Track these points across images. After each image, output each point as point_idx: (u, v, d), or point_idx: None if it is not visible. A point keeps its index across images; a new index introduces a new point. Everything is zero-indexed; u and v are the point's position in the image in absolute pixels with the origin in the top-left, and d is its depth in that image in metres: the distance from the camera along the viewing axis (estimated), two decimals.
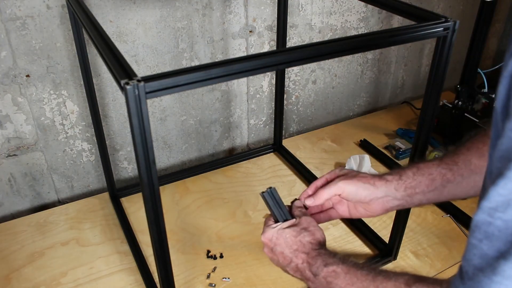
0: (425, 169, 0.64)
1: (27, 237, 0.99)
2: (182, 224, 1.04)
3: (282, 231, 0.64)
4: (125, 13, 1.01)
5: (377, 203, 0.65)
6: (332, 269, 0.57)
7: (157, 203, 0.56)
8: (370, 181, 0.65)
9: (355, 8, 1.35)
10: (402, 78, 1.62)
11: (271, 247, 0.65)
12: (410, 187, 0.64)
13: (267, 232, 0.66)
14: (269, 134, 1.41)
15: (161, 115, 1.18)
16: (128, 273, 0.91)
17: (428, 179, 0.63)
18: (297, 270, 0.62)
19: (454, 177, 0.63)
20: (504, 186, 0.32)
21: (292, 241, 0.63)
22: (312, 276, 0.60)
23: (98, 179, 1.19)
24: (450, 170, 0.63)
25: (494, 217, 0.33)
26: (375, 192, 0.64)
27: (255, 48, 1.24)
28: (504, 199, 0.32)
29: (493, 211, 0.33)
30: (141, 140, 0.50)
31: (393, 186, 0.64)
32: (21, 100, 0.99)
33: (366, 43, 0.63)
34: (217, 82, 0.53)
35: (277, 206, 0.69)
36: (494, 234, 0.33)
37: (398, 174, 0.65)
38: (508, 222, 0.32)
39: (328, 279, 0.57)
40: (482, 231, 0.34)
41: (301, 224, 0.65)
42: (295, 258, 0.62)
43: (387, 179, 0.65)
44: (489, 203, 0.33)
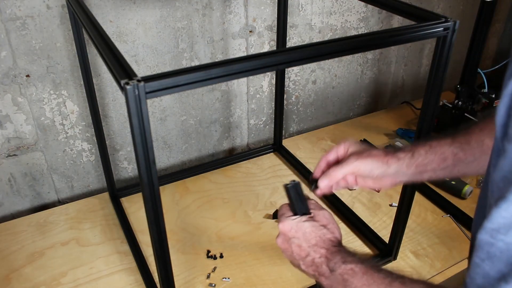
0: (438, 147, 0.64)
1: (27, 237, 0.99)
2: (182, 224, 1.04)
3: (302, 224, 0.63)
4: (125, 13, 1.01)
5: (388, 179, 0.66)
6: (350, 267, 0.57)
7: (157, 203, 0.56)
8: (384, 160, 0.64)
9: (355, 8, 1.34)
10: (402, 78, 1.62)
11: (288, 238, 0.64)
12: (421, 165, 0.64)
13: (286, 222, 0.64)
14: (269, 134, 1.41)
15: (161, 115, 1.18)
16: (128, 273, 0.91)
17: (440, 158, 0.63)
18: (312, 265, 0.61)
19: (466, 157, 0.63)
20: (506, 209, 0.32)
21: (311, 236, 0.62)
22: (328, 271, 0.59)
23: (98, 179, 1.19)
24: (462, 150, 0.63)
25: (496, 238, 0.34)
26: (387, 170, 0.64)
27: (255, 48, 1.24)
28: (506, 221, 0.33)
29: (495, 232, 0.33)
30: (141, 140, 0.50)
31: (404, 164, 0.64)
32: (21, 100, 0.99)
33: (366, 43, 0.63)
34: (217, 82, 0.53)
35: (298, 199, 0.67)
36: (496, 255, 0.34)
37: (410, 151, 0.64)
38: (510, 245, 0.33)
39: (345, 276, 0.56)
40: (484, 251, 0.35)
41: (321, 221, 0.64)
42: (313, 252, 0.61)
43: (399, 157, 0.64)
44: (491, 224, 0.34)
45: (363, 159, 0.65)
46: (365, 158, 0.65)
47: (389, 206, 1.10)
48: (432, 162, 0.64)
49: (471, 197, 1.12)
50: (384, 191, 1.14)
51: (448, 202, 1.10)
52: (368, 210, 1.09)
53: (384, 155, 0.65)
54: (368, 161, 0.65)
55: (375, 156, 0.65)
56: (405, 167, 0.64)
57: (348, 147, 0.69)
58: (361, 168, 0.65)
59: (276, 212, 1.06)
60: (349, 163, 0.66)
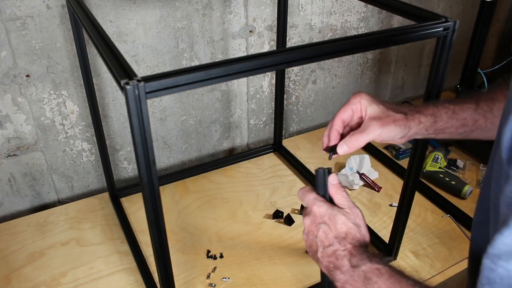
0: (460, 113, 0.61)
1: (27, 237, 0.99)
2: (182, 224, 1.04)
3: (337, 214, 0.60)
4: (125, 13, 1.01)
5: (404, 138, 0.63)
6: (377, 267, 0.55)
7: (157, 203, 0.56)
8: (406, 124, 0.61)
9: (355, 8, 1.35)
10: (402, 78, 1.62)
11: (318, 222, 0.61)
12: (441, 129, 0.62)
13: (323, 207, 0.61)
14: (269, 134, 1.41)
15: (161, 115, 1.18)
16: (128, 273, 0.91)
17: (460, 123, 0.61)
18: (332, 255, 0.59)
19: (486, 124, 0.61)
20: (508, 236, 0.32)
21: (342, 229, 0.60)
22: (348, 266, 0.57)
23: (98, 179, 1.19)
24: (483, 117, 0.61)
25: (497, 264, 0.33)
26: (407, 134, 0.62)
27: (255, 48, 1.24)
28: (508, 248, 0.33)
29: (496, 259, 0.33)
30: (141, 140, 0.50)
31: (424, 128, 0.62)
32: (21, 100, 0.99)
33: (366, 43, 0.63)
34: (217, 82, 0.53)
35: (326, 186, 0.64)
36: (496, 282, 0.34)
37: (433, 116, 0.62)
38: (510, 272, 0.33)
39: (369, 274, 0.54)
40: (485, 276, 0.35)
41: (355, 219, 0.61)
42: (337, 244, 0.59)
43: (421, 121, 0.61)
44: (493, 250, 0.34)
45: (387, 126, 0.60)
46: (389, 124, 0.61)
47: (389, 206, 1.10)
48: (451, 126, 0.62)
49: (471, 197, 1.12)
50: (385, 191, 1.14)
51: (448, 202, 1.10)
52: (368, 210, 1.09)
53: (406, 119, 0.61)
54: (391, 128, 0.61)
55: (399, 121, 0.61)
56: (424, 130, 0.62)
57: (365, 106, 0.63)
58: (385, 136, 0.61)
59: (276, 212, 1.06)
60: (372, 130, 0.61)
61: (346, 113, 0.64)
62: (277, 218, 1.06)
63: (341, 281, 0.57)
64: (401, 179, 1.17)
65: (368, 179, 1.16)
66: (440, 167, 1.19)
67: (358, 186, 1.16)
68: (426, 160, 1.22)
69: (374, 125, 0.61)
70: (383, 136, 0.61)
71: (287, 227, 1.03)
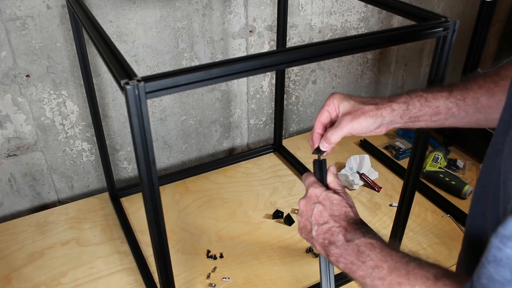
0: (433, 101, 0.63)
1: (27, 237, 0.99)
2: (182, 224, 1.04)
3: (332, 195, 0.64)
4: (125, 13, 1.01)
5: (382, 127, 0.66)
6: (370, 241, 0.56)
7: (157, 203, 0.56)
8: (378, 113, 0.64)
9: (355, 8, 1.34)
10: (402, 78, 1.62)
11: (313, 202, 0.64)
12: (415, 116, 0.64)
13: (318, 189, 0.65)
14: (269, 134, 1.41)
15: (161, 115, 1.18)
16: (128, 273, 0.91)
17: (433, 111, 0.63)
18: (327, 232, 0.61)
19: (459, 112, 0.63)
20: None
21: (336, 208, 0.63)
22: (342, 241, 0.59)
23: (98, 179, 1.19)
24: (456, 105, 0.63)
25: (505, 245, 0.34)
26: (382, 121, 0.64)
27: (255, 48, 1.24)
28: None
29: (506, 239, 0.34)
30: (141, 140, 0.50)
31: (399, 115, 0.64)
32: (21, 100, 0.99)
33: (366, 43, 0.63)
34: (217, 82, 0.53)
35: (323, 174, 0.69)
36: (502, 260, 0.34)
37: (405, 103, 0.64)
38: None
39: (362, 248, 0.56)
40: (491, 254, 0.35)
41: (348, 201, 0.65)
42: (332, 221, 0.61)
43: (393, 108, 0.64)
44: (504, 231, 0.34)
45: (358, 118, 0.64)
46: (359, 116, 0.64)
47: (389, 206, 1.10)
48: (425, 114, 0.64)
49: (471, 197, 1.11)
50: (384, 191, 1.14)
51: (448, 202, 1.10)
52: (368, 210, 1.09)
53: (377, 109, 0.64)
54: (362, 120, 0.64)
55: (368, 113, 0.64)
56: (399, 117, 0.64)
57: (337, 104, 0.67)
58: (358, 128, 0.64)
59: (276, 212, 1.06)
60: (344, 124, 0.64)
61: (323, 116, 0.68)
62: (277, 218, 1.06)
63: (335, 256, 0.59)
64: (401, 179, 1.17)
65: (368, 179, 1.16)
66: (440, 167, 1.19)
67: (358, 186, 1.16)
68: (426, 160, 1.22)
69: (345, 120, 0.64)
70: (356, 129, 0.64)
71: (287, 227, 1.03)
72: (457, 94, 0.63)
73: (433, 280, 0.46)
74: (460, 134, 1.30)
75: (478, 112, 0.62)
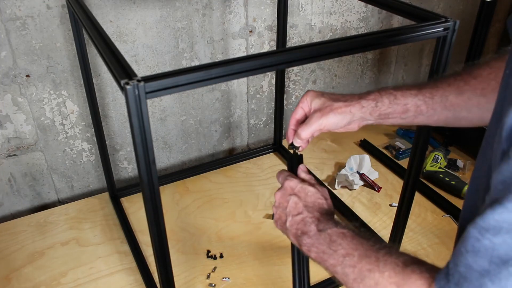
0: (401, 98, 0.65)
1: (27, 237, 0.99)
2: (182, 224, 1.04)
3: (307, 187, 0.65)
4: (125, 13, 1.01)
5: (354, 123, 0.68)
6: (341, 231, 0.58)
7: (157, 203, 0.56)
8: (347, 110, 0.66)
9: (355, 8, 1.35)
10: (402, 78, 1.62)
11: (288, 194, 0.66)
12: (384, 113, 0.65)
13: (294, 181, 0.67)
14: (269, 134, 1.41)
15: (161, 115, 1.18)
16: (128, 273, 0.91)
17: (402, 109, 0.65)
18: (300, 223, 0.62)
19: (427, 110, 0.64)
20: (500, 214, 0.34)
21: (311, 199, 0.64)
22: (314, 230, 0.60)
23: (98, 179, 1.19)
24: (425, 103, 0.64)
25: (483, 236, 0.35)
26: (352, 118, 0.66)
27: (255, 48, 1.24)
28: (497, 224, 0.34)
29: (484, 231, 0.35)
30: (141, 140, 0.50)
31: (368, 112, 0.65)
32: (21, 100, 0.99)
33: (366, 43, 0.63)
34: (217, 82, 0.53)
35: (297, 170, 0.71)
36: (480, 251, 0.36)
37: (374, 100, 0.65)
38: (496, 245, 0.34)
39: (333, 237, 0.57)
40: (469, 244, 0.37)
41: (323, 193, 0.66)
42: (306, 212, 0.63)
43: (362, 105, 0.66)
44: (482, 222, 0.35)
45: (326, 115, 0.66)
46: (327, 113, 0.66)
47: (389, 206, 1.10)
48: (394, 112, 0.65)
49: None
50: (384, 191, 1.14)
51: (448, 202, 1.10)
52: (368, 210, 1.09)
53: (346, 105, 0.66)
54: (331, 116, 0.66)
55: (337, 109, 0.66)
56: (369, 114, 0.66)
57: (310, 101, 0.69)
58: (326, 124, 0.66)
59: None
60: (313, 121, 0.66)
61: (297, 113, 0.70)
62: None
63: (307, 245, 0.60)
64: (401, 179, 1.17)
65: (368, 179, 1.16)
66: (440, 167, 1.19)
67: (358, 186, 1.16)
68: (426, 160, 1.22)
69: (315, 117, 0.66)
70: (325, 125, 0.66)
71: None
72: (426, 92, 0.64)
73: (402, 266, 0.48)
74: (460, 134, 1.30)
75: (446, 110, 0.63)
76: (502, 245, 0.34)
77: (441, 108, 0.63)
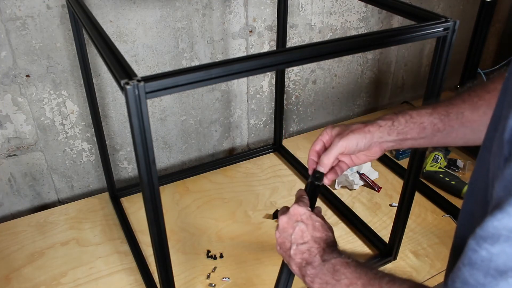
0: (417, 117, 0.65)
1: (27, 237, 0.99)
2: (182, 224, 1.04)
3: (315, 217, 0.65)
4: (125, 13, 1.01)
5: (375, 147, 0.68)
6: (345, 260, 0.58)
7: (157, 203, 0.56)
8: (365, 130, 0.66)
9: (355, 8, 1.34)
10: (402, 78, 1.62)
11: (295, 220, 0.65)
12: (402, 132, 0.65)
13: (303, 208, 0.66)
14: (269, 134, 1.41)
15: (161, 115, 1.18)
16: (128, 273, 0.91)
17: (419, 127, 0.65)
18: (305, 252, 0.62)
19: (444, 128, 0.64)
20: (500, 220, 0.32)
21: (318, 230, 0.64)
22: (319, 261, 0.60)
23: (98, 179, 1.19)
24: (441, 121, 0.64)
25: (481, 246, 0.33)
26: (372, 138, 0.66)
27: (255, 48, 1.24)
28: (495, 232, 0.32)
29: (482, 241, 0.33)
30: (141, 140, 0.50)
31: (386, 131, 0.66)
32: (21, 100, 0.99)
33: (366, 43, 0.63)
34: (217, 82, 0.53)
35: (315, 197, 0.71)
36: (476, 263, 0.34)
37: (391, 120, 0.66)
38: (493, 256, 0.32)
39: (337, 267, 0.57)
40: (467, 257, 0.35)
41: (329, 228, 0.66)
42: (312, 241, 0.62)
43: (380, 125, 0.66)
44: (481, 231, 0.33)
45: (346, 137, 0.66)
46: (347, 135, 0.66)
47: (389, 206, 1.10)
48: (411, 131, 0.65)
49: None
50: (384, 191, 1.14)
51: (448, 202, 1.10)
52: (368, 210, 1.09)
53: (364, 126, 0.67)
54: (351, 137, 0.66)
55: (356, 130, 0.66)
56: (387, 134, 0.66)
57: (330, 132, 0.70)
58: (347, 146, 0.66)
59: (276, 212, 1.06)
60: (334, 145, 0.67)
61: (317, 145, 0.71)
62: (277, 218, 1.05)
63: (311, 276, 0.60)
64: (401, 179, 1.17)
65: (368, 179, 1.16)
66: (440, 167, 1.19)
67: (358, 186, 1.16)
68: (426, 160, 1.22)
69: (335, 140, 0.67)
70: (346, 147, 0.66)
71: None
72: (441, 110, 0.64)
73: None
74: None
75: (463, 126, 0.63)
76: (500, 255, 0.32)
77: (458, 125, 0.63)
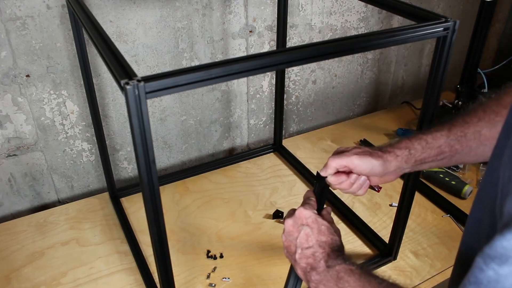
0: (433, 142, 0.64)
1: (27, 237, 0.99)
2: (182, 224, 1.04)
3: (321, 221, 0.64)
4: (125, 13, 1.01)
5: (390, 174, 0.68)
6: (350, 267, 0.57)
7: (157, 203, 0.56)
8: (383, 157, 0.66)
9: (355, 8, 1.34)
10: (402, 78, 1.62)
11: (300, 224, 0.65)
12: (420, 159, 0.65)
13: (309, 211, 0.65)
14: (269, 134, 1.41)
15: (161, 115, 1.18)
16: (128, 273, 0.91)
17: (437, 151, 0.64)
18: (310, 257, 0.61)
19: (463, 148, 0.63)
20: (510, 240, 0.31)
21: (324, 234, 0.63)
22: (323, 267, 0.59)
23: (98, 179, 1.19)
24: (458, 142, 0.63)
25: (488, 266, 0.32)
26: (388, 167, 0.66)
27: (255, 48, 1.24)
28: (504, 252, 0.31)
29: (490, 260, 0.32)
30: (141, 140, 0.50)
31: (404, 160, 0.65)
32: (21, 100, 0.99)
33: (366, 43, 0.63)
34: (217, 82, 0.53)
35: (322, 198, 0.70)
36: (482, 283, 0.32)
37: (407, 148, 0.65)
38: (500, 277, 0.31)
39: (341, 274, 0.57)
40: (473, 275, 0.33)
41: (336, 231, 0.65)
42: (317, 246, 0.62)
43: (396, 154, 0.66)
44: (489, 250, 0.32)
45: (362, 157, 0.66)
46: (364, 155, 0.66)
47: (389, 206, 1.10)
48: (429, 155, 0.65)
49: (471, 197, 1.12)
50: (384, 191, 1.14)
51: (448, 202, 1.10)
52: (368, 210, 1.09)
53: (381, 153, 0.66)
54: (367, 160, 0.66)
55: (373, 154, 0.66)
56: (404, 162, 0.66)
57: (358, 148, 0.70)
58: (359, 166, 0.66)
59: (276, 212, 1.06)
60: (346, 156, 0.67)
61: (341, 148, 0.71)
62: (277, 218, 1.06)
63: (315, 282, 0.60)
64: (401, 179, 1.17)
65: None
66: (440, 167, 1.19)
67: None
68: None
69: (350, 152, 0.67)
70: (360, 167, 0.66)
71: None
72: (457, 131, 0.64)
73: None
74: None
75: (482, 145, 0.62)
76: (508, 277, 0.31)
77: (476, 144, 0.62)
